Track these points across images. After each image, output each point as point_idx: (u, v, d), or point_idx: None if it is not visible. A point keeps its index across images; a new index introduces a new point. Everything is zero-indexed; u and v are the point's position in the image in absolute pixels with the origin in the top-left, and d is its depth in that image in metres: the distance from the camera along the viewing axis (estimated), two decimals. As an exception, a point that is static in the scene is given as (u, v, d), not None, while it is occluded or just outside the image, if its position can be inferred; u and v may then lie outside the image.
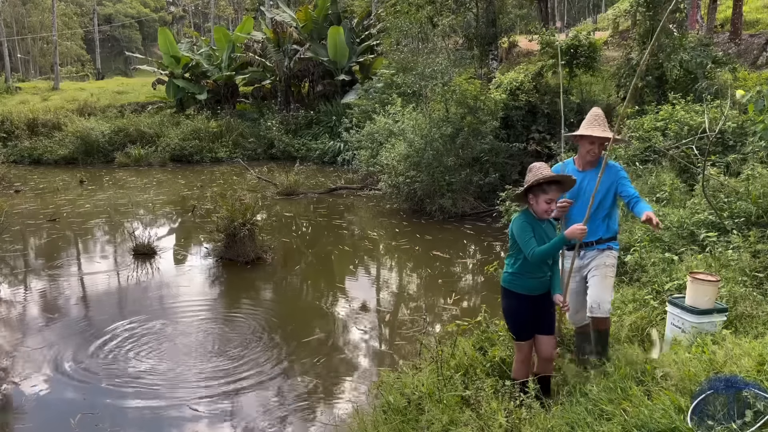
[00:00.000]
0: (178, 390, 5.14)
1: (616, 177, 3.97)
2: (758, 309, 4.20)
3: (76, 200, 13.86)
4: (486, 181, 11.25)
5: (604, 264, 3.88)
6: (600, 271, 3.87)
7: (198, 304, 7.24)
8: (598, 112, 3.93)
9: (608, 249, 3.93)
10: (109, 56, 66.93)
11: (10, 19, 48.47)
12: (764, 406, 2.86)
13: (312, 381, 5.23)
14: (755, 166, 6.11)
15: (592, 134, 3.86)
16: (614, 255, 3.97)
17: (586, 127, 3.96)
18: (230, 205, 8.74)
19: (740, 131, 7.65)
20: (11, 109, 23.30)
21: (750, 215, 5.42)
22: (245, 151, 20.79)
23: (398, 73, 16.46)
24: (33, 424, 4.65)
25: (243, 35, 24.48)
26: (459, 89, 11.23)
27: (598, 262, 3.91)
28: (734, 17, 14.97)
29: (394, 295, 7.67)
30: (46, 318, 6.75)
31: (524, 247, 3.48)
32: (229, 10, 60.57)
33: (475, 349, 4.41)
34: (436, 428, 3.48)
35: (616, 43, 18.29)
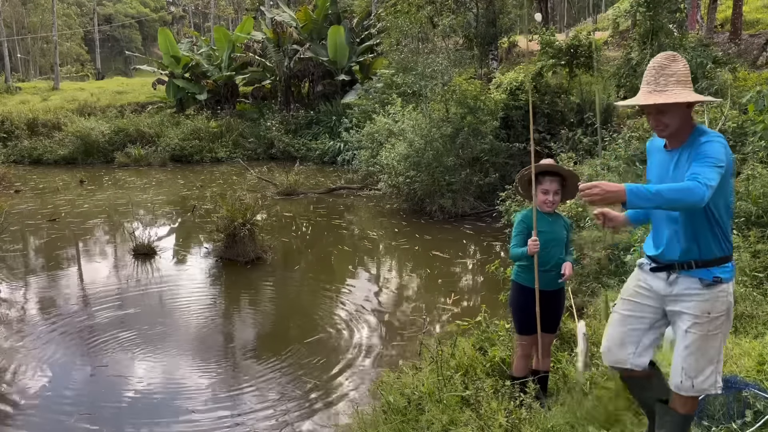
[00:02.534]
0: (176, 390, 5.13)
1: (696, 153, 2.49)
2: (758, 309, 4.20)
3: (75, 200, 13.85)
4: (486, 181, 11.25)
5: (708, 315, 2.46)
6: (701, 328, 2.47)
7: (198, 304, 7.24)
8: (659, 62, 2.49)
9: (715, 284, 2.46)
10: (109, 56, 66.92)
11: (10, 19, 48.47)
12: (764, 406, 2.86)
13: (312, 381, 5.23)
14: (755, 166, 6.11)
15: (638, 103, 2.52)
16: (725, 295, 2.48)
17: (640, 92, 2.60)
18: (230, 205, 8.74)
19: (740, 131, 7.65)
20: (11, 109, 23.30)
21: (750, 215, 5.42)
22: (245, 151, 20.79)
23: (398, 73, 16.45)
24: (30, 424, 4.65)
25: (243, 35, 24.47)
26: (459, 89, 11.24)
27: (698, 309, 2.47)
28: (734, 17, 14.99)
29: (393, 295, 7.67)
30: (45, 318, 6.75)
31: (511, 242, 3.66)
32: (229, 10, 60.57)
33: (475, 349, 4.40)
34: (436, 428, 3.48)
35: (616, 43, 18.29)
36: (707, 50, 10.56)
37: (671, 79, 2.43)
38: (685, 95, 2.40)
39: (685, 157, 2.44)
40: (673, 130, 2.46)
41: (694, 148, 2.40)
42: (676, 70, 2.45)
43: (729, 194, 2.50)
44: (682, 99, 2.39)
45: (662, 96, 2.41)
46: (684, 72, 2.46)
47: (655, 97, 2.42)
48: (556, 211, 3.70)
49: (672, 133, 2.48)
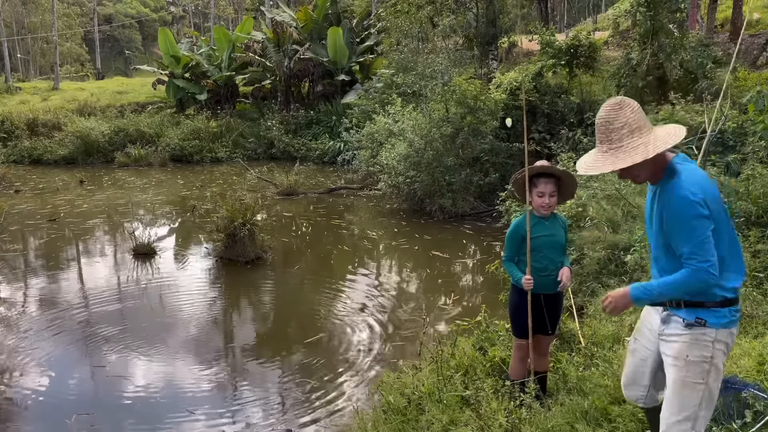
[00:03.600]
0: (175, 390, 5.14)
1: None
2: (758, 309, 4.20)
3: (75, 200, 13.85)
4: (486, 181, 11.25)
5: (685, 358, 2.32)
6: (678, 372, 2.34)
7: (198, 304, 7.24)
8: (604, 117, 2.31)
9: (697, 325, 2.30)
10: (109, 56, 66.89)
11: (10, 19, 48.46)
12: (764, 406, 2.86)
13: (312, 381, 5.23)
14: (755, 166, 6.11)
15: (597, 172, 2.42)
16: (709, 341, 2.30)
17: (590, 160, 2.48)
18: (230, 205, 8.74)
19: (740, 131, 7.65)
20: (11, 109, 23.28)
21: (750, 215, 5.42)
22: (245, 151, 20.79)
23: (398, 73, 16.46)
24: (29, 424, 4.65)
25: (243, 35, 24.47)
26: (459, 89, 11.23)
27: (675, 350, 2.36)
28: (734, 17, 14.99)
29: (393, 295, 7.67)
30: (45, 318, 6.74)
31: (504, 251, 3.75)
32: (229, 10, 60.57)
33: (475, 349, 4.41)
34: (436, 428, 3.48)
35: (616, 43, 18.29)
36: (707, 50, 10.56)
37: (623, 131, 2.24)
38: (642, 150, 2.20)
39: (663, 191, 2.33)
40: (647, 177, 2.38)
41: (666, 194, 2.27)
42: (626, 121, 2.25)
43: (723, 232, 2.27)
44: (639, 158, 2.20)
45: (619, 158, 2.24)
46: (635, 118, 2.25)
47: (612, 160, 2.26)
48: (554, 212, 3.70)
49: (647, 178, 2.41)
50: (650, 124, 2.30)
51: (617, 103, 2.28)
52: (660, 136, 2.24)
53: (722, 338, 2.30)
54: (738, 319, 2.35)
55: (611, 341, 4.32)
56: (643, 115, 2.29)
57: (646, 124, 2.27)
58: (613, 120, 2.26)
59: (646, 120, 2.29)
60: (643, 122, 2.27)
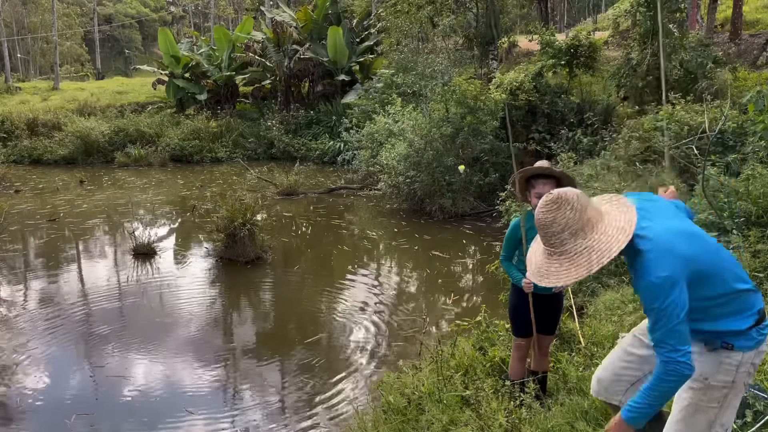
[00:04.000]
0: (175, 390, 5.14)
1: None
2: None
3: (75, 200, 13.85)
4: (486, 181, 11.25)
5: (705, 381, 2.17)
6: (694, 395, 2.20)
7: (198, 304, 7.24)
8: (541, 221, 2.05)
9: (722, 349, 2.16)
10: (109, 56, 66.87)
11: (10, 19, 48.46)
12: (764, 406, 2.86)
13: (312, 381, 5.23)
14: (755, 166, 6.10)
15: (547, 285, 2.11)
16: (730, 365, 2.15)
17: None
18: (230, 205, 8.74)
19: (740, 131, 7.65)
20: (11, 109, 23.28)
21: (750, 215, 5.41)
22: (245, 151, 20.79)
23: (398, 73, 16.46)
24: (28, 424, 4.65)
25: (243, 35, 24.47)
26: (459, 89, 11.24)
27: (696, 372, 2.15)
28: (734, 17, 14.99)
29: (393, 295, 7.67)
30: (45, 318, 6.74)
31: (501, 251, 3.74)
32: (229, 10, 60.56)
33: (475, 349, 4.41)
34: (436, 428, 3.47)
35: (616, 43, 18.29)
36: (707, 50, 10.56)
37: (564, 235, 1.98)
38: (586, 261, 1.95)
39: (630, 264, 2.13)
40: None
41: (634, 272, 2.07)
42: (565, 223, 1.97)
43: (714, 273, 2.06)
44: (584, 272, 1.96)
45: (562, 270, 1.99)
46: (575, 217, 1.96)
47: (556, 270, 2.01)
48: None
49: None
50: (597, 210, 2.02)
51: (554, 202, 1.97)
52: (607, 237, 1.97)
53: (748, 360, 2.12)
54: (767, 334, 2.15)
55: (611, 341, 4.32)
56: (587, 206, 1.99)
57: (590, 219, 1.98)
58: (550, 223, 1.97)
59: (591, 208, 2.00)
60: (587, 218, 1.97)
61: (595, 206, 2.02)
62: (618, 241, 1.95)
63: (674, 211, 2.23)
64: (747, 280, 2.16)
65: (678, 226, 2.10)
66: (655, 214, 2.12)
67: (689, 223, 2.22)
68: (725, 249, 2.23)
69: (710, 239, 2.19)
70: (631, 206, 2.06)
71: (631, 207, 2.05)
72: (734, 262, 2.19)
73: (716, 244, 2.19)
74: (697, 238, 2.10)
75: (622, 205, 2.06)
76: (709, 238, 2.20)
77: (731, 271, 2.12)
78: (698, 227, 2.24)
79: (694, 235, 2.09)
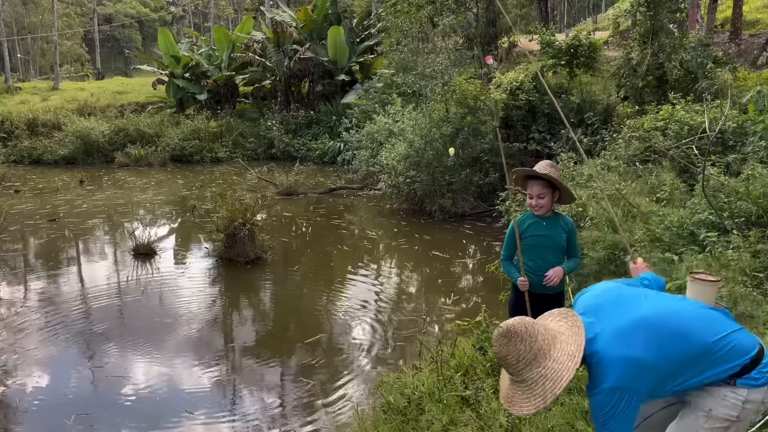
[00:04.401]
0: (175, 391, 5.13)
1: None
2: (758, 309, 4.20)
3: (75, 200, 13.85)
4: (486, 181, 11.25)
5: (708, 412, 2.13)
6: (693, 420, 2.17)
7: (198, 304, 7.24)
8: (495, 353, 2.14)
9: (725, 385, 2.10)
10: (109, 56, 66.87)
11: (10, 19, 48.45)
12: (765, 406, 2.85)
13: (312, 381, 5.23)
14: (755, 166, 6.10)
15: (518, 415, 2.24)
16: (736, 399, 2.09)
17: None
18: (230, 205, 8.74)
19: (740, 131, 7.65)
20: (11, 109, 23.29)
21: (750, 215, 5.41)
22: (245, 151, 20.79)
23: (398, 73, 16.44)
24: (28, 424, 4.65)
25: (243, 35, 24.47)
26: (459, 89, 11.23)
27: (698, 400, 2.17)
28: (734, 17, 14.99)
29: (393, 295, 7.67)
30: (44, 318, 6.74)
31: (503, 250, 3.81)
32: (229, 10, 60.55)
33: (475, 349, 4.41)
34: (436, 428, 3.48)
35: (616, 43, 18.29)
36: (707, 50, 10.55)
37: (518, 366, 2.02)
38: (541, 391, 1.99)
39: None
40: None
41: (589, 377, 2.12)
42: (518, 355, 2.00)
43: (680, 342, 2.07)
44: (540, 402, 2.00)
45: (523, 400, 2.03)
46: (526, 348, 2.00)
47: (518, 400, 2.05)
48: (557, 212, 3.69)
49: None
50: (550, 333, 2.04)
51: (503, 336, 2.01)
52: (559, 365, 1.99)
53: (755, 398, 2.07)
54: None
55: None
56: (537, 335, 2.01)
57: (542, 348, 2.00)
58: (504, 356, 2.01)
59: (542, 335, 2.02)
60: (538, 347, 2.00)
61: (546, 329, 2.05)
62: (568, 369, 1.98)
63: (630, 301, 2.21)
64: (724, 327, 2.14)
65: (627, 323, 2.09)
66: (608, 315, 2.14)
67: (646, 305, 2.18)
68: (690, 308, 2.21)
69: (669, 308, 2.19)
70: (580, 325, 2.08)
71: (581, 327, 2.08)
72: (701, 316, 2.18)
73: (675, 310, 2.17)
74: (650, 323, 2.09)
75: (572, 325, 2.09)
76: (669, 305, 2.21)
77: (700, 327, 2.12)
78: (660, 299, 2.25)
79: (646, 323, 2.08)
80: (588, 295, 2.30)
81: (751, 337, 2.16)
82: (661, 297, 2.30)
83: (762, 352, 2.11)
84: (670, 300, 2.30)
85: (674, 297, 2.36)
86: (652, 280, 2.61)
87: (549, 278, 3.54)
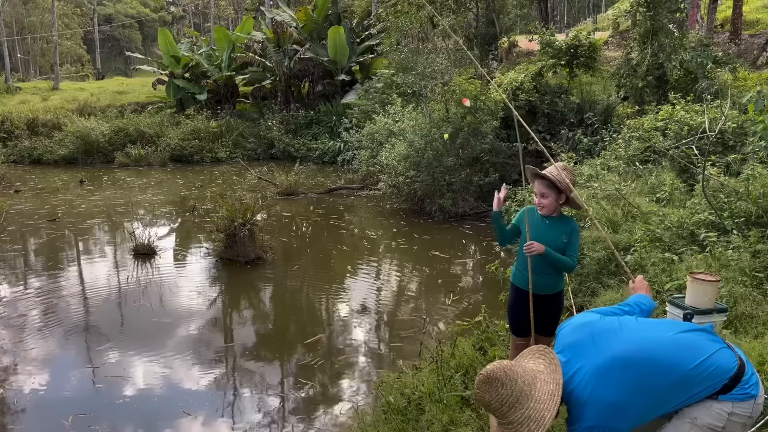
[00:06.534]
0: (174, 391, 5.13)
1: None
2: (758, 309, 4.20)
3: (75, 200, 13.85)
4: (486, 181, 11.25)
5: (693, 420, 2.15)
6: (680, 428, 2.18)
7: (197, 304, 7.24)
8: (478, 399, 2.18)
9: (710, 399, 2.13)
10: (109, 56, 66.94)
11: (10, 19, 48.48)
12: (764, 406, 2.85)
13: (312, 381, 5.23)
14: (755, 166, 6.11)
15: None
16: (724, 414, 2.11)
17: None
18: (230, 205, 8.74)
19: (740, 131, 7.65)
20: (11, 109, 23.28)
21: (750, 215, 5.41)
22: (245, 151, 20.79)
23: (398, 73, 16.46)
24: (26, 425, 4.64)
25: (243, 35, 24.48)
26: (459, 89, 11.23)
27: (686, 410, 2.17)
28: (734, 17, 14.99)
29: (393, 295, 7.67)
30: (44, 318, 6.74)
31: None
32: (229, 10, 60.56)
33: (475, 349, 4.41)
34: (436, 428, 3.47)
35: (616, 43, 18.29)
36: (707, 50, 10.56)
37: (503, 410, 2.04)
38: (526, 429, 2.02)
39: None
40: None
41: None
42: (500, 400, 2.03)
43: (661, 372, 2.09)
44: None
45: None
46: (508, 393, 2.03)
47: None
48: (563, 215, 3.69)
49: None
50: (529, 374, 2.07)
51: (484, 383, 2.04)
52: (541, 404, 2.03)
53: (741, 411, 2.10)
54: (756, 384, 2.14)
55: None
56: (517, 378, 2.04)
57: (523, 390, 2.03)
58: (488, 402, 2.04)
59: (522, 377, 2.05)
60: (519, 390, 2.03)
61: (525, 371, 2.08)
62: (549, 410, 2.03)
63: (606, 335, 2.22)
64: (702, 350, 2.15)
65: (602, 362, 2.11)
66: (584, 352, 2.17)
67: (622, 339, 2.19)
68: (667, 336, 2.21)
69: (645, 339, 2.19)
70: (557, 363, 2.13)
71: (557, 365, 2.12)
72: (679, 342, 2.17)
73: (650, 341, 2.17)
74: (624, 362, 2.10)
75: (550, 362, 2.13)
76: (645, 336, 2.21)
77: (677, 354, 2.13)
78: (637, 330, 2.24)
79: (620, 362, 2.10)
80: (566, 331, 2.33)
81: (729, 356, 2.16)
82: (638, 327, 2.28)
83: (742, 369, 2.13)
84: (647, 329, 2.28)
85: (652, 323, 2.35)
86: (636, 305, 2.59)
87: (528, 245, 3.49)
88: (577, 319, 2.39)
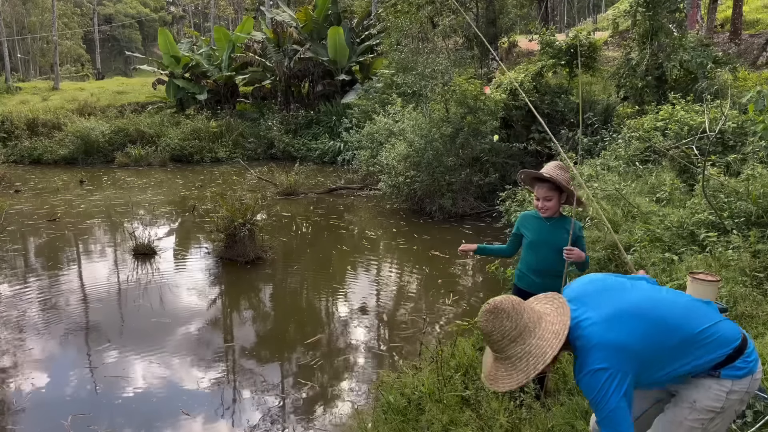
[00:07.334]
0: (173, 391, 5.13)
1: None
2: (758, 309, 4.20)
3: (75, 200, 13.85)
4: (486, 181, 11.24)
5: (692, 404, 2.18)
6: (676, 412, 2.23)
7: (197, 304, 7.24)
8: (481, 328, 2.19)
9: (710, 377, 2.16)
10: (109, 56, 66.95)
11: (10, 19, 48.47)
12: (764, 406, 2.86)
13: (312, 381, 5.22)
14: (755, 166, 6.10)
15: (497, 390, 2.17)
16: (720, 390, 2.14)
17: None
18: (230, 205, 8.74)
19: (740, 131, 7.65)
20: (11, 109, 23.27)
21: (750, 215, 5.41)
22: (245, 151, 20.79)
23: (398, 73, 16.46)
24: (26, 425, 4.64)
25: (243, 35, 24.48)
26: (459, 89, 11.23)
27: (682, 393, 2.23)
28: (734, 17, 14.99)
29: (393, 295, 7.66)
30: (43, 318, 6.74)
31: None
32: (229, 10, 60.56)
33: (475, 349, 4.41)
34: (436, 428, 3.47)
35: (615, 43, 18.29)
36: (707, 50, 10.55)
37: (503, 343, 2.06)
38: (525, 367, 2.03)
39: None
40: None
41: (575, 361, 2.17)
42: (503, 332, 2.05)
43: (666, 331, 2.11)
44: (523, 378, 2.04)
45: (506, 376, 2.07)
46: (511, 326, 2.04)
47: (502, 376, 2.08)
48: (563, 214, 3.68)
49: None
50: (535, 313, 2.09)
51: (490, 312, 2.06)
52: (543, 341, 2.04)
53: (741, 389, 2.13)
54: (756, 360, 2.17)
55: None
56: (522, 313, 2.06)
57: (527, 325, 2.05)
58: (490, 332, 2.06)
59: (528, 313, 2.07)
60: (523, 324, 2.05)
61: (532, 309, 2.10)
62: (552, 347, 2.04)
63: (616, 290, 2.24)
64: (710, 317, 2.19)
65: (613, 310, 2.13)
66: (594, 302, 2.18)
67: (634, 294, 2.22)
68: (676, 299, 2.24)
69: (656, 297, 2.22)
70: (566, 307, 2.13)
71: (566, 308, 2.13)
72: (687, 306, 2.21)
73: (660, 300, 2.21)
74: (635, 311, 2.13)
75: (558, 306, 2.15)
76: (656, 295, 2.24)
77: (686, 317, 2.16)
78: (647, 290, 2.27)
79: (631, 311, 2.13)
80: (575, 285, 2.34)
81: (734, 327, 2.20)
82: (648, 287, 2.33)
83: (745, 342, 2.17)
84: (657, 290, 2.32)
85: (662, 288, 2.38)
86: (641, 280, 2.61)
87: (569, 251, 3.46)
88: (587, 276, 2.40)
